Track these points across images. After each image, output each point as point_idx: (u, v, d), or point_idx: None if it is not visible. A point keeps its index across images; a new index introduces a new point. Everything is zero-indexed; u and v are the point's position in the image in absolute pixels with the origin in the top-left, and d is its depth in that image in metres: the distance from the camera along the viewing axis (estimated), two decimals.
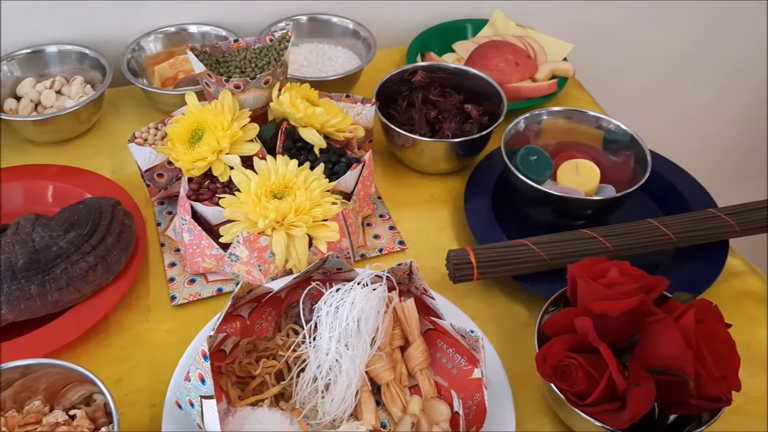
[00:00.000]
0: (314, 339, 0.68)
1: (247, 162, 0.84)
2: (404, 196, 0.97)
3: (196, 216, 0.82)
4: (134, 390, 0.73)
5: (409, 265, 0.71)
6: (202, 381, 0.60)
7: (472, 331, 0.66)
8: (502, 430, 0.67)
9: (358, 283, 0.68)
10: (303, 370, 0.68)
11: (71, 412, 0.66)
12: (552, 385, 0.64)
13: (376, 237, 0.91)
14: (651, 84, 1.60)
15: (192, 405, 0.62)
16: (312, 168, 0.84)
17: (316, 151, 0.88)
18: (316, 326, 0.69)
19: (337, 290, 0.69)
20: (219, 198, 0.81)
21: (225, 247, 0.81)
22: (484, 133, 0.94)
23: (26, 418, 0.65)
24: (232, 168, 0.83)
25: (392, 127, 0.95)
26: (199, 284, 0.83)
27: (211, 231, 0.82)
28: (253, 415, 0.65)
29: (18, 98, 1.04)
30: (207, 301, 0.82)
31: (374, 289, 0.68)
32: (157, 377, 0.74)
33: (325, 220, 0.80)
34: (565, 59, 1.18)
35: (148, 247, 0.87)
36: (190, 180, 0.85)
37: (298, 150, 0.89)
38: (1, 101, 1.02)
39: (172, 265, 0.86)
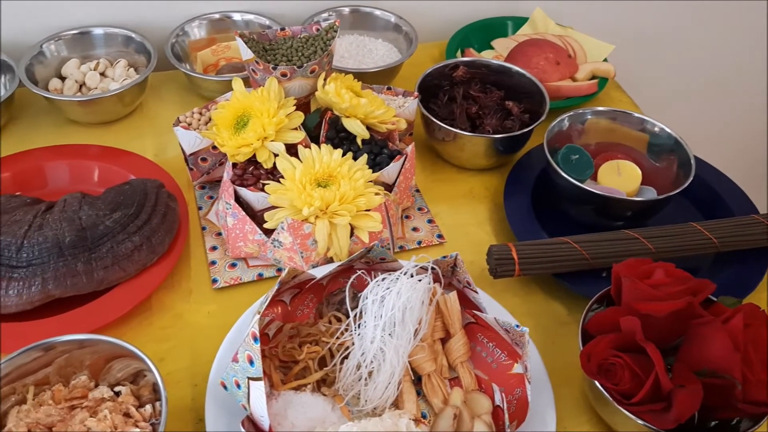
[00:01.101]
0: (359, 327, 0.69)
1: (290, 150, 0.85)
2: (442, 190, 0.98)
3: (238, 201, 0.83)
4: (176, 369, 0.74)
5: (454, 258, 0.71)
6: (251, 362, 0.60)
7: (517, 326, 0.66)
8: (542, 425, 0.67)
9: (405, 274, 0.69)
10: (346, 357, 0.68)
11: (116, 389, 0.67)
12: (596, 382, 0.64)
13: (414, 229, 0.91)
14: (688, 86, 1.59)
15: (238, 386, 0.62)
16: (355, 158, 0.84)
17: (359, 141, 0.88)
18: (359, 314, 0.70)
19: (383, 279, 0.69)
20: (263, 184, 0.81)
21: (267, 232, 0.81)
22: (526, 130, 0.94)
23: (73, 393, 0.66)
24: (276, 155, 0.83)
25: (434, 120, 0.95)
26: (240, 269, 0.84)
27: (254, 216, 0.83)
28: (297, 399, 0.65)
29: (62, 78, 1.05)
30: (248, 285, 0.83)
31: (419, 280, 0.69)
32: (198, 358, 0.75)
33: (368, 210, 0.80)
34: (605, 60, 1.18)
35: (190, 230, 0.88)
36: (234, 165, 0.85)
37: (341, 140, 0.89)
38: (47, 81, 1.04)
39: (213, 248, 0.86)
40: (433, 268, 0.71)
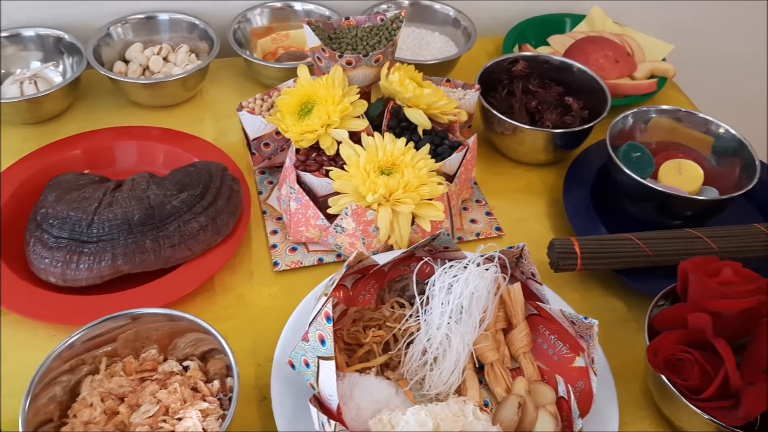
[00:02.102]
0: (425, 312, 0.69)
1: (352, 138, 0.86)
2: (500, 184, 0.98)
3: (300, 186, 0.83)
4: (239, 349, 0.75)
5: (521, 249, 0.72)
6: (322, 342, 0.61)
7: (585, 318, 0.66)
8: (604, 420, 0.67)
9: (472, 262, 0.69)
10: (411, 342, 0.69)
11: (184, 363, 0.69)
12: (663, 377, 0.64)
13: (473, 221, 0.91)
14: (747, 88, 1.57)
15: (307, 365, 0.63)
16: (416, 148, 0.85)
17: (420, 131, 0.88)
18: (426, 300, 0.70)
19: (450, 267, 0.69)
20: (326, 170, 0.82)
21: (329, 218, 0.82)
22: (588, 126, 0.94)
23: (143, 365, 0.68)
24: (339, 142, 0.84)
25: (495, 113, 0.95)
26: (300, 253, 0.85)
27: (316, 202, 0.84)
28: (362, 381, 0.66)
29: (126, 61, 1.07)
30: (308, 269, 0.84)
31: (487, 269, 0.69)
32: (260, 338, 0.76)
33: (430, 200, 0.81)
34: (663, 60, 1.17)
35: (251, 214, 0.89)
36: (297, 151, 0.86)
37: (402, 129, 0.90)
38: (111, 63, 1.06)
39: (274, 232, 0.87)
40: (499, 258, 0.71)
